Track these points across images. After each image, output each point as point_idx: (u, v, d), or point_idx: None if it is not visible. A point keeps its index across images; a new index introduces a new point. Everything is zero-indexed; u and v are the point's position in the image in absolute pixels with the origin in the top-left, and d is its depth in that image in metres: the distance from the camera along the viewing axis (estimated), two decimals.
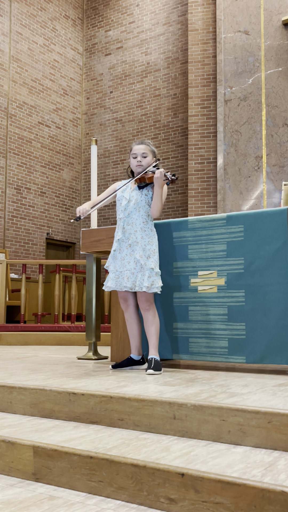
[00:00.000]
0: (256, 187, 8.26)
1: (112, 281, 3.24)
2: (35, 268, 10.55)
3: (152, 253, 3.17)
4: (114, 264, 3.26)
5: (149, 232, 3.22)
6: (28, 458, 1.93)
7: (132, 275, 3.15)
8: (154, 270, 3.13)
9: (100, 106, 12.11)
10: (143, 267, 3.13)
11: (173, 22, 11.03)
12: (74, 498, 1.71)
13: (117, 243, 3.26)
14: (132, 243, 3.20)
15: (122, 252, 3.23)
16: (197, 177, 8.94)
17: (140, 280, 3.12)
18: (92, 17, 12.45)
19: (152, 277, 3.12)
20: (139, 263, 3.14)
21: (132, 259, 3.18)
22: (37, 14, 11.31)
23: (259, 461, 1.70)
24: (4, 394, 2.60)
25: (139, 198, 3.24)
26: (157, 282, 3.14)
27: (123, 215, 3.26)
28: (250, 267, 3.15)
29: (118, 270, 3.23)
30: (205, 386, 2.48)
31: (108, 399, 2.24)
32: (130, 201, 3.25)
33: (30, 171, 10.94)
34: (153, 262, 3.14)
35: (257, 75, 8.45)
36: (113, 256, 3.28)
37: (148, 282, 3.10)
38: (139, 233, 3.20)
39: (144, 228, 3.21)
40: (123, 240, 3.23)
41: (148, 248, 3.17)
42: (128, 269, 3.17)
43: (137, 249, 3.17)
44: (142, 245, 3.17)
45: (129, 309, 3.32)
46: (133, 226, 3.21)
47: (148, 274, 3.11)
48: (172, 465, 1.64)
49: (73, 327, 6.57)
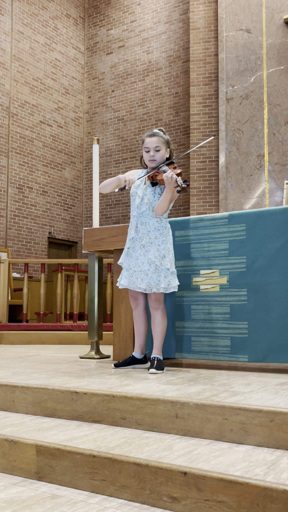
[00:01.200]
0: (258, 185, 8.25)
1: (126, 279, 3.19)
2: (37, 267, 10.55)
3: (167, 252, 3.10)
4: (128, 261, 3.20)
5: (163, 230, 3.14)
6: (30, 457, 1.93)
7: (146, 276, 3.09)
8: (170, 270, 3.08)
9: (102, 105, 12.10)
10: (158, 268, 3.07)
11: (175, 21, 11.02)
12: (76, 497, 1.71)
13: (131, 241, 3.19)
14: (145, 243, 3.13)
15: (136, 251, 3.16)
16: (199, 176, 8.94)
17: (156, 281, 3.06)
18: (93, 16, 12.44)
19: (168, 277, 3.07)
20: (153, 264, 3.08)
21: (146, 260, 3.11)
22: (39, 13, 11.31)
23: (261, 459, 1.70)
24: (7, 393, 2.60)
25: (151, 197, 3.16)
26: (173, 282, 3.09)
27: (136, 213, 3.18)
28: (252, 266, 3.15)
29: (132, 269, 3.16)
30: (207, 385, 2.48)
31: (111, 398, 2.24)
32: (143, 199, 3.17)
33: (32, 170, 10.94)
34: (168, 262, 3.08)
35: (259, 73, 8.44)
36: (127, 253, 3.22)
37: (165, 283, 3.06)
38: (153, 233, 3.13)
39: (158, 227, 3.14)
40: (136, 239, 3.16)
41: (162, 247, 3.10)
42: (142, 270, 3.11)
43: (151, 249, 3.10)
44: (156, 245, 3.10)
45: (138, 308, 3.28)
46: (147, 226, 3.14)
47: (164, 274, 3.06)
48: (174, 464, 1.64)
49: (75, 326, 6.58)
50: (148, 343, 3.43)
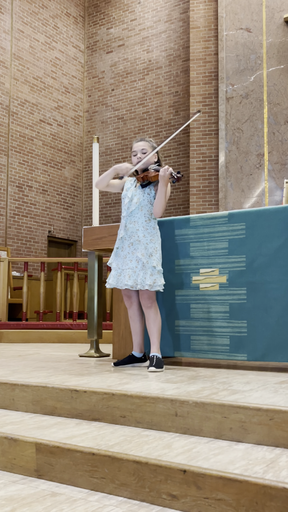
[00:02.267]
0: (258, 185, 8.26)
1: (113, 278, 3.26)
2: (36, 266, 10.55)
3: (154, 251, 3.17)
4: (116, 261, 3.27)
5: (151, 230, 3.22)
6: (30, 454, 1.94)
7: (134, 273, 3.16)
8: (156, 268, 3.14)
9: (102, 104, 12.10)
10: (145, 266, 3.13)
11: (175, 20, 11.01)
12: (76, 495, 1.72)
13: (120, 241, 3.27)
14: (134, 241, 3.20)
15: (124, 250, 3.24)
16: (198, 175, 8.94)
17: (142, 278, 3.12)
18: (93, 15, 12.43)
19: (154, 275, 3.13)
20: (141, 262, 3.15)
21: (134, 257, 3.18)
22: (39, 12, 11.30)
23: (260, 458, 1.70)
24: (7, 391, 2.61)
25: (141, 197, 3.25)
26: (159, 280, 3.14)
27: (126, 214, 3.27)
28: (251, 264, 3.15)
29: (120, 268, 3.24)
30: (206, 384, 2.48)
31: (110, 396, 2.25)
32: (132, 199, 3.26)
33: (32, 169, 10.94)
34: (155, 260, 3.15)
35: (258, 72, 8.43)
36: (115, 254, 3.29)
37: (151, 280, 3.10)
38: (141, 231, 3.20)
39: (147, 227, 3.21)
40: (125, 238, 3.24)
41: (150, 246, 3.17)
42: (130, 267, 3.18)
43: (139, 247, 3.17)
44: (144, 243, 3.17)
45: (132, 307, 3.33)
46: (135, 225, 3.21)
47: (150, 272, 3.12)
48: (174, 461, 1.64)
49: (75, 324, 6.58)
50: (147, 341, 3.44)
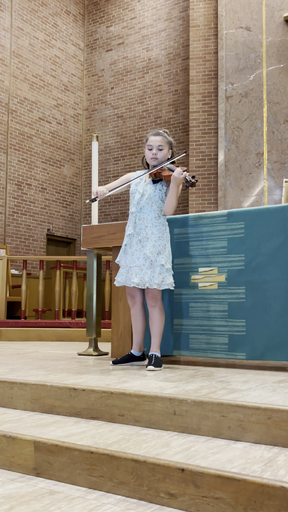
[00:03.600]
0: (257, 184, 8.26)
1: (122, 276, 3.20)
2: (35, 264, 10.55)
3: (162, 249, 3.12)
4: (125, 259, 3.21)
5: (160, 227, 3.16)
6: (29, 453, 1.94)
7: (141, 271, 3.10)
8: (164, 266, 3.08)
9: (101, 102, 12.08)
10: (153, 264, 3.08)
11: (175, 18, 11.00)
12: (74, 493, 1.72)
13: (128, 238, 3.21)
14: (142, 238, 3.14)
15: (132, 247, 3.17)
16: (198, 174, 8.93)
17: (150, 277, 3.07)
18: (93, 13, 12.41)
19: (163, 273, 3.08)
20: (148, 259, 3.09)
21: (141, 255, 3.12)
22: (38, 10, 11.28)
23: (259, 456, 1.71)
24: (5, 389, 2.61)
25: (152, 193, 3.18)
26: (167, 279, 3.09)
27: (135, 209, 3.19)
28: (250, 263, 3.16)
29: (128, 265, 3.18)
30: (205, 382, 2.49)
31: (109, 395, 2.25)
32: (144, 195, 3.18)
33: (31, 167, 10.93)
34: (163, 258, 3.09)
35: (258, 71, 8.43)
36: (124, 251, 3.23)
37: (159, 279, 3.06)
38: (150, 228, 3.14)
39: (156, 223, 3.15)
40: (134, 235, 3.18)
41: (158, 244, 3.11)
42: (137, 265, 3.12)
43: (147, 245, 3.11)
44: (152, 240, 3.11)
45: (136, 306, 3.28)
46: (144, 221, 3.15)
47: (158, 270, 3.07)
48: (172, 460, 1.65)
49: (74, 323, 6.58)
50: (146, 340, 3.44)
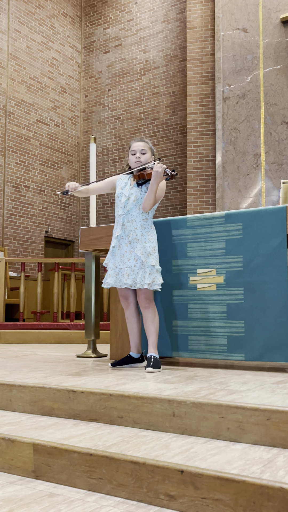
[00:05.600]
0: (255, 185, 8.27)
1: (111, 277, 3.24)
2: (34, 266, 10.54)
3: (152, 250, 3.17)
4: (113, 260, 3.26)
5: (149, 229, 3.22)
6: (28, 455, 1.94)
7: (132, 272, 3.15)
8: (155, 267, 3.14)
9: (99, 104, 12.09)
10: (144, 264, 3.13)
11: (172, 20, 11.01)
12: (74, 495, 1.72)
13: (116, 240, 3.26)
14: (132, 240, 3.19)
15: (121, 249, 3.22)
16: (195, 175, 8.94)
17: (141, 277, 3.12)
18: (90, 15, 12.43)
19: (153, 274, 3.12)
20: (139, 260, 3.14)
21: (132, 256, 3.17)
22: (35, 12, 11.29)
23: (258, 458, 1.71)
24: (4, 392, 2.60)
25: (138, 196, 3.24)
26: (158, 279, 3.14)
27: (122, 212, 3.25)
28: (249, 265, 3.16)
29: (117, 267, 3.23)
30: (204, 384, 2.49)
31: (108, 397, 2.25)
32: (130, 198, 3.25)
33: (29, 169, 10.93)
34: (153, 259, 3.15)
35: (255, 72, 8.45)
36: (112, 253, 3.28)
37: (149, 279, 3.10)
38: (139, 230, 3.19)
39: (144, 225, 3.21)
40: (123, 237, 3.23)
41: (148, 245, 3.17)
42: (128, 266, 3.17)
43: (137, 246, 3.16)
44: (143, 242, 3.17)
45: (129, 307, 3.32)
46: (133, 223, 3.21)
47: (149, 271, 3.12)
48: (171, 462, 1.65)
49: (72, 325, 6.58)
50: (144, 342, 3.44)
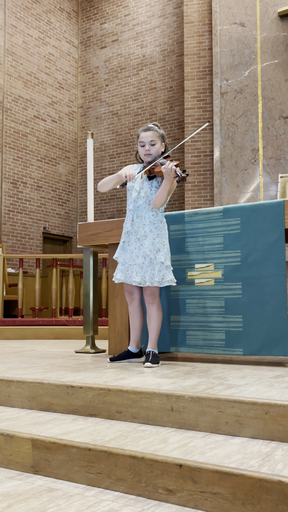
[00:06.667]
0: (253, 180, 8.26)
1: (121, 273, 3.20)
2: (32, 262, 10.54)
3: (161, 246, 3.12)
4: (123, 255, 3.21)
5: (158, 224, 3.16)
6: (26, 451, 1.94)
7: (141, 269, 3.10)
8: (164, 263, 3.09)
9: (96, 100, 12.06)
10: (153, 262, 3.08)
11: (169, 15, 10.97)
12: (73, 490, 1.72)
13: (126, 235, 3.21)
14: (140, 237, 3.14)
15: (131, 245, 3.17)
16: (193, 170, 8.93)
17: (150, 274, 3.08)
18: (87, 10, 12.38)
19: (163, 270, 3.08)
20: (148, 258, 3.09)
21: (140, 253, 3.12)
22: (32, 7, 11.24)
23: (256, 451, 1.71)
24: (2, 387, 2.60)
25: (148, 191, 3.17)
26: (167, 276, 3.09)
27: (132, 207, 3.19)
28: (246, 259, 3.16)
29: (127, 263, 3.18)
30: (202, 378, 2.49)
31: (106, 392, 2.25)
32: (140, 193, 3.18)
33: (26, 165, 10.91)
34: (163, 256, 3.09)
35: (253, 67, 8.43)
36: (122, 248, 3.23)
37: (159, 277, 3.07)
38: (148, 226, 3.14)
39: (154, 221, 3.15)
40: (132, 232, 3.18)
41: (157, 241, 3.11)
42: (137, 263, 3.12)
43: (145, 243, 3.11)
44: (151, 238, 3.11)
45: (133, 303, 3.28)
46: (142, 219, 3.15)
47: (158, 268, 3.08)
48: (170, 456, 1.65)
49: (71, 321, 6.58)
50: (143, 337, 3.44)
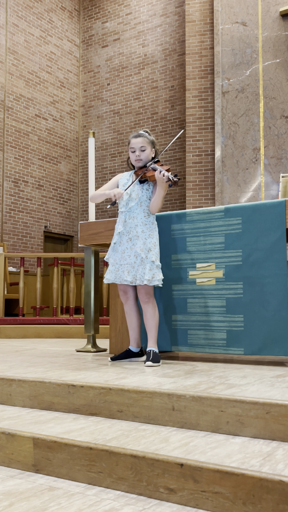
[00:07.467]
0: (254, 179, 8.26)
1: (111, 273, 3.25)
2: (33, 261, 10.54)
3: (153, 246, 3.17)
4: (114, 256, 3.26)
5: (150, 225, 3.22)
6: (28, 449, 1.94)
7: (133, 268, 3.15)
8: (155, 263, 3.13)
9: (97, 99, 12.06)
10: (144, 260, 3.13)
11: (170, 13, 10.96)
12: (74, 489, 1.72)
13: (118, 236, 3.26)
14: (132, 237, 3.19)
15: (122, 245, 3.23)
16: (195, 170, 8.93)
17: (141, 273, 3.12)
18: (88, 9, 12.37)
19: (153, 270, 3.12)
20: (139, 257, 3.14)
21: (132, 252, 3.17)
22: (34, 6, 11.23)
23: (257, 451, 1.71)
24: (4, 386, 2.61)
25: (140, 193, 3.24)
26: (158, 275, 3.14)
27: (125, 209, 3.25)
28: (248, 259, 3.16)
29: (118, 263, 3.23)
30: (203, 378, 2.49)
31: (107, 391, 2.25)
32: (131, 195, 3.25)
33: (28, 164, 10.91)
34: (154, 255, 3.15)
35: (254, 66, 8.42)
36: (113, 249, 3.28)
37: (149, 275, 3.10)
38: (140, 227, 3.19)
39: (145, 222, 3.21)
40: (124, 233, 3.23)
41: (148, 242, 3.17)
42: (128, 262, 3.17)
43: (137, 243, 3.16)
44: (143, 238, 3.17)
45: (128, 302, 3.33)
46: (134, 220, 3.21)
47: (149, 267, 3.11)
48: (171, 455, 1.65)
49: (72, 320, 6.58)
50: (144, 336, 3.44)
